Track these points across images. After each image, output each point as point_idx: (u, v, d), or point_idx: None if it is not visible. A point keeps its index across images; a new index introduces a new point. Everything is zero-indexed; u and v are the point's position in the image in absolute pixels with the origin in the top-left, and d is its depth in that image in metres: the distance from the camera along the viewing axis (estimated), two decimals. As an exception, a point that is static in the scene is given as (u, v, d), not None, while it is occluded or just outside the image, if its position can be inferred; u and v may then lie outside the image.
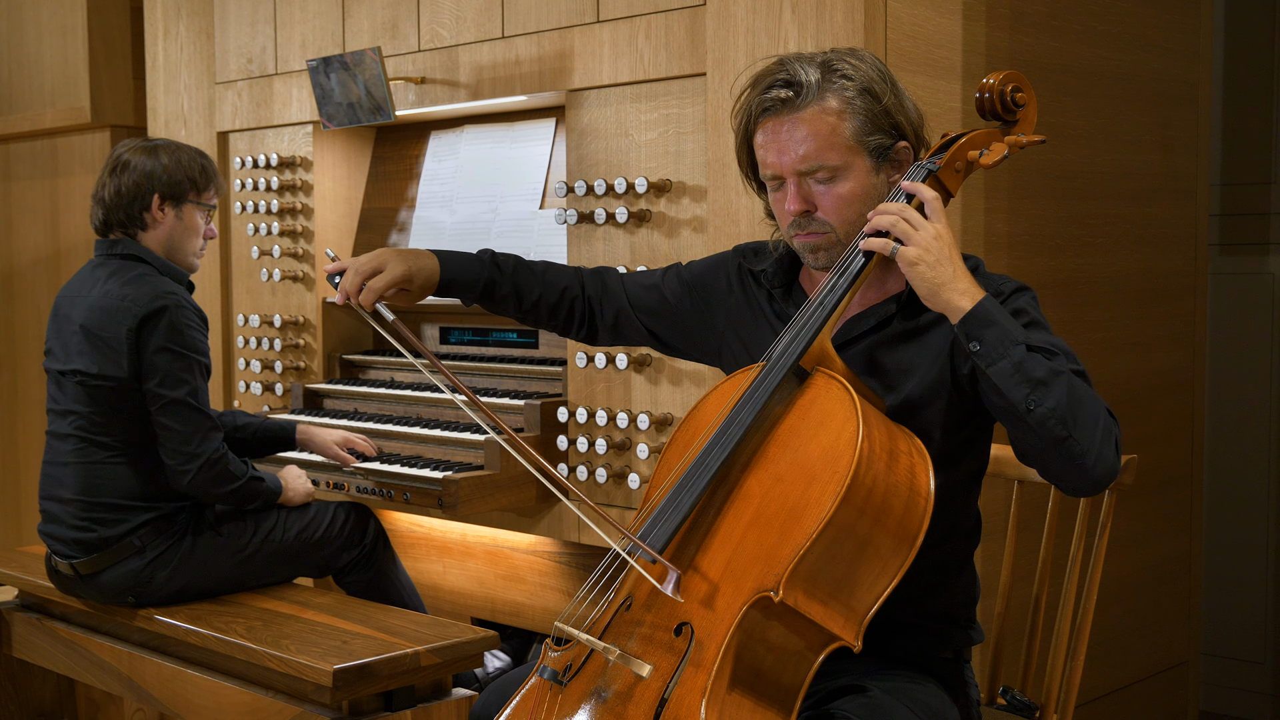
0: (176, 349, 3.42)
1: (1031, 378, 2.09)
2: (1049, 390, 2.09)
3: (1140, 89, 3.86)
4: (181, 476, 3.42)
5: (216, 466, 3.43)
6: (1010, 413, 2.12)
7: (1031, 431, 2.11)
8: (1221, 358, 4.46)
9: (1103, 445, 2.11)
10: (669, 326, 2.67)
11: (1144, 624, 4.00)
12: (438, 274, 2.60)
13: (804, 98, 2.30)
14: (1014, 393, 2.10)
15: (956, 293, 2.15)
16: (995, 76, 2.38)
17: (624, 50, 3.46)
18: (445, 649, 3.17)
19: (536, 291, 2.67)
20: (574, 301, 2.69)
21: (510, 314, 2.71)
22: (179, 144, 3.65)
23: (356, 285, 2.53)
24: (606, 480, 3.49)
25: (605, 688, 2.10)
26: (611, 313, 2.70)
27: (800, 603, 2.04)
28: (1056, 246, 3.60)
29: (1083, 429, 2.09)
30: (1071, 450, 2.10)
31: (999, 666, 2.74)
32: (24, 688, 4.08)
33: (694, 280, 2.65)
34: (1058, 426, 2.08)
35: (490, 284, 2.64)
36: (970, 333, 2.14)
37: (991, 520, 3.02)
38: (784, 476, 2.13)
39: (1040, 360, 2.11)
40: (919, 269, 2.16)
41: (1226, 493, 4.48)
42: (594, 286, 2.70)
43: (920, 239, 2.17)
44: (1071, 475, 2.14)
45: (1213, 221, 4.41)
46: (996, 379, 2.11)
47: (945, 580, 2.38)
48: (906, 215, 2.19)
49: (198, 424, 3.42)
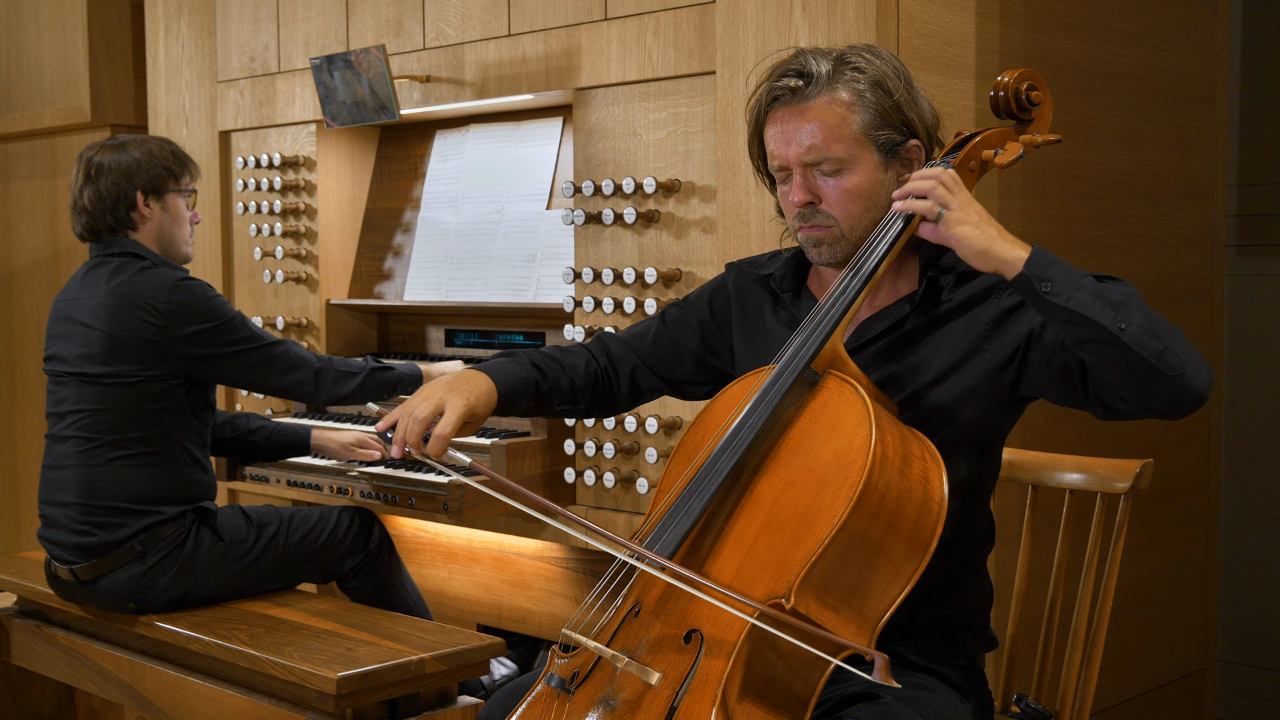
0: (212, 322, 3.46)
1: (1113, 301, 2.08)
2: (1132, 310, 2.07)
3: (1156, 88, 3.85)
4: (310, 401, 3.59)
5: (326, 373, 3.56)
6: (1100, 341, 2.08)
7: (1128, 352, 2.07)
8: (1239, 360, 4.44)
9: (1193, 353, 2.10)
10: (684, 366, 2.60)
11: (1160, 630, 3.99)
12: (495, 394, 2.41)
13: (814, 87, 2.29)
14: (1103, 316, 2.07)
15: (1008, 243, 2.13)
16: (1010, 74, 2.36)
17: (632, 48, 3.45)
18: (451, 656, 3.16)
19: (567, 379, 2.55)
20: (595, 376, 2.59)
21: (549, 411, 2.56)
22: (144, 136, 3.67)
23: (419, 435, 2.28)
24: (615, 485, 3.47)
25: (613, 696, 2.09)
26: (627, 377, 2.60)
27: (812, 609, 2.02)
28: (1071, 247, 3.59)
29: (1173, 340, 2.09)
30: (1171, 362, 2.07)
31: (1013, 673, 2.73)
32: (23, 696, 4.07)
33: (694, 307, 2.61)
34: (1152, 341, 2.07)
35: (536, 385, 2.51)
36: (1040, 274, 2.10)
37: (1006, 525, 3.01)
38: (795, 481, 2.12)
39: (1112, 285, 2.11)
40: (965, 228, 2.14)
41: (1244, 497, 4.47)
42: (602, 357, 2.61)
43: (959, 201, 2.16)
44: (1174, 391, 2.10)
45: (1230, 222, 4.40)
46: (1080, 308, 2.07)
47: (959, 584, 2.36)
48: (944, 179, 2.18)
49: (271, 356, 3.52)
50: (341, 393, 3.60)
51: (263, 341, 3.53)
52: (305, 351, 3.59)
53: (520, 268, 3.93)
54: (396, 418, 2.30)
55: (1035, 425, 3.24)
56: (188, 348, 3.45)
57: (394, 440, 2.29)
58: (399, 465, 3.76)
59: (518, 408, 2.48)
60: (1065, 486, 2.66)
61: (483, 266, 4.04)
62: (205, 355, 3.47)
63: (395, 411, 2.32)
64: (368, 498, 3.71)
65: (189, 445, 3.51)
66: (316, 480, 3.82)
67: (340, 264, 4.42)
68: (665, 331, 2.61)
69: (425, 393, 2.33)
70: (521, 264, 3.94)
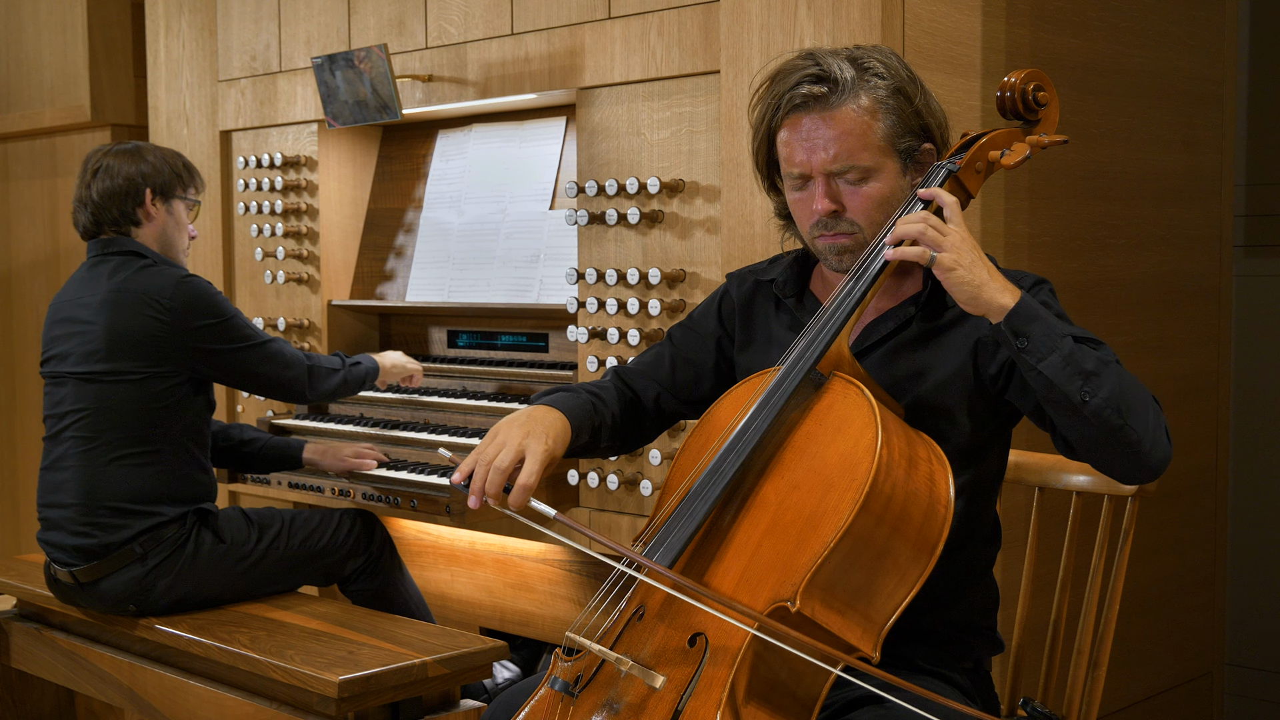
0: (217, 318, 3.49)
1: (1083, 369, 2.08)
2: (1101, 381, 2.08)
3: (1164, 87, 3.84)
4: (302, 398, 3.68)
5: (316, 370, 3.67)
6: (1062, 406, 2.10)
7: (1086, 423, 2.09)
8: (1247, 361, 4.43)
9: (1155, 430, 2.11)
10: (704, 385, 2.57)
11: (1167, 634, 3.98)
12: (569, 431, 2.32)
13: (839, 95, 2.27)
14: (1068, 385, 2.07)
15: (997, 291, 2.12)
16: (1017, 75, 2.35)
17: (636, 47, 3.44)
18: (453, 659, 3.15)
19: (609, 411, 2.48)
20: (629, 406, 2.54)
21: (601, 448, 2.48)
22: (152, 145, 3.70)
23: (500, 485, 2.19)
24: (618, 487, 3.46)
25: (617, 699, 2.08)
26: (652, 402, 2.55)
27: (817, 613, 2.01)
28: (1078, 248, 3.58)
29: (1136, 416, 2.09)
30: (1128, 438, 2.08)
31: (1019, 677, 2.71)
32: (23, 699, 4.06)
33: (700, 323, 2.59)
34: (1113, 415, 2.07)
35: (595, 411, 2.44)
36: (1017, 329, 2.10)
37: (1011, 528, 3.00)
38: (801, 484, 2.10)
39: (1088, 351, 2.10)
40: (957, 274, 2.12)
41: (1252, 499, 4.46)
42: (626, 389, 2.56)
43: (951, 244, 2.13)
44: (1128, 463, 2.12)
45: (1238, 222, 4.40)
46: (1049, 373, 2.08)
47: (964, 587, 2.35)
48: (932, 223, 2.15)
49: (269, 354, 3.58)
50: (328, 388, 3.71)
51: (261, 339, 3.57)
52: (295, 349, 3.67)
53: (523, 268, 3.92)
54: (473, 466, 2.20)
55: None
56: (193, 343, 3.46)
57: (472, 490, 2.19)
58: (399, 466, 3.75)
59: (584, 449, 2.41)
60: (1072, 489, 2.65)
61: (485, 267, 4.03)
62: (209, 350, 3.48)
63: (470, 459, 2.22)
64: (370, 500, 3.70)
65: (190, 445, 3.51)
66: (318, 482, 3.82)
67: (342, 265, 4.41)
68: (679, 354, 2.58)
69: (502, 438, 2.22)
70: (524, 265, 3.92)
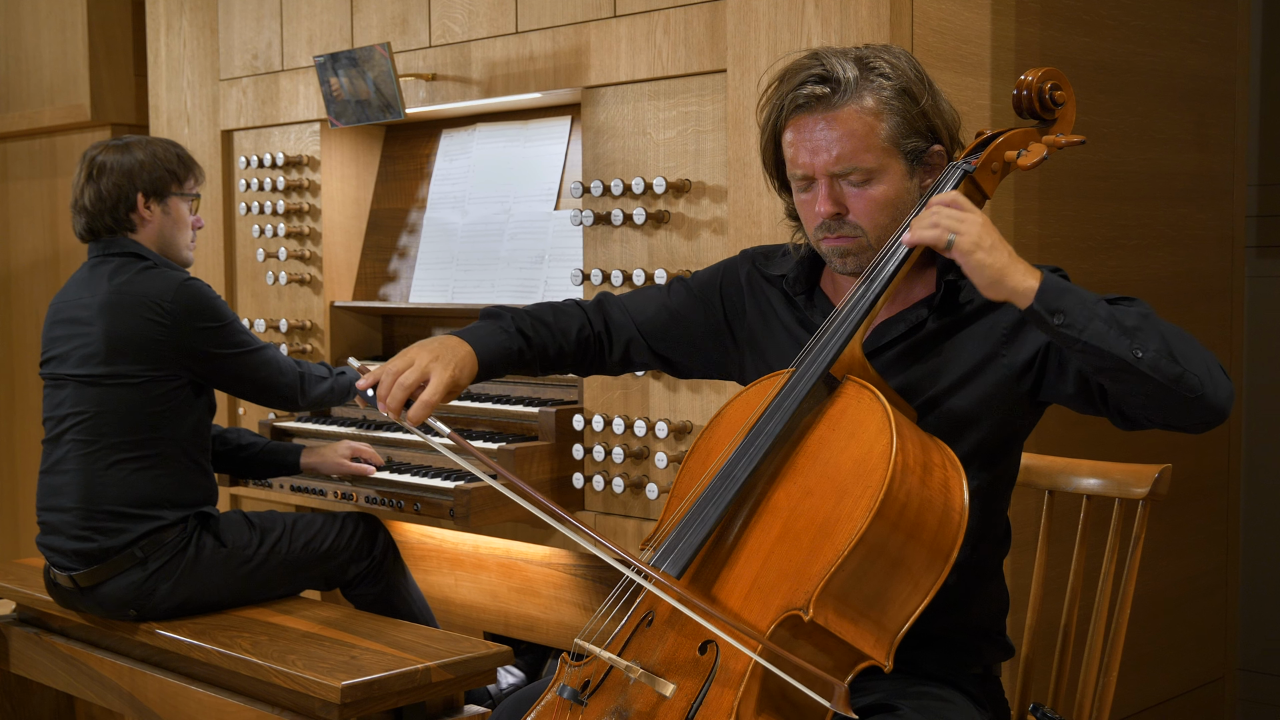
0: (218, 323, 3.49)
1: (1126, 326, 2.06)
2: (1146, 334, 2.06)
3: (1175, 86, 3.83)
4: (294, 404, 3.67)
5: (308, 377, 3.66)
6: (1116, 370, 2.07)
7: (1145, 379, 2.06)
8: (1258, 362, 4.44)
9: (1212, 368, 2.09)
10: (683, 347, 2.59)
11: (1179, 638, 3.97)
12: (477, 365, 2.42)
13: (841, 95, 2.24)
14: (1117, 346, 2.05)
15: (1020, 273, 2.09)
16: (1034, 73, 2.33)
17: (642, 46, 3.43)
18: (457, 664, 3.15)
19: (555, 345, 2.55)
20: (587, 341, 2.59)
21: (532, 373, 2.59)
22: (149, 138, 3.68)
23: (401, 400, 2.30)
24: (624, 490, 3.44)
25: (626, 707, 2.07)
26: (621, 346, 2.60)
27: (831, 621, 2.00)
28: (1089, 248, 3.57)
29: (1191, 360, 2.07)
30: (1190, 383, 2.06)
31: (1029, 682, 2.70)
32: (22, 705, 4.07)
33: (703, 290, 2.58)
34: (1169, 365, 2.05)
35: (519, 354, 2.52)
36: (1050, 306, 2.07)
37: (1021, 531, 2.99)
38: (814, 490, 2.09)
39: (1126, 308, 2.09)
40: (978, 256, 2.09)
41: (1264, 502, 4.46)
42: (599, 322, 2.60)
43: (971, 227, 2.10)
44: (1194, 410, 2.09)
45: (1249, 223, 4.39)
46: (1095, 340, 2.06)
47: (975, 589, 2.34)
48: (947, 200, 2.14)
49: (265, 360, 3.57)
50: (318, 395, 3.69)
51: (257, 345, 3.58)
52: (288, 357, 3.67)
53: (528, 269, 3.90)
54: (378, 377, 2.31)
55: (1051, 430, 3.21)
56: (194, 346, 3.45)
57: (379, 397, 2.30)
58: (401, 470, 3.73)
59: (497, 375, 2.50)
60: (1082, 492, 2.64)
61: (489, 268, 4.01)
62: (209, 354, 3.48)
63: (376, 370, 2.32)
64: (372, 503, 3.70)
65: (191, 449, 3.51)
66: (320, 485, 3.82)
67: (344, 265, 4.39)
68: (670, 309, 2.57)
69: (409, 356, 2.33)
70: (529, 265, 3.90)
